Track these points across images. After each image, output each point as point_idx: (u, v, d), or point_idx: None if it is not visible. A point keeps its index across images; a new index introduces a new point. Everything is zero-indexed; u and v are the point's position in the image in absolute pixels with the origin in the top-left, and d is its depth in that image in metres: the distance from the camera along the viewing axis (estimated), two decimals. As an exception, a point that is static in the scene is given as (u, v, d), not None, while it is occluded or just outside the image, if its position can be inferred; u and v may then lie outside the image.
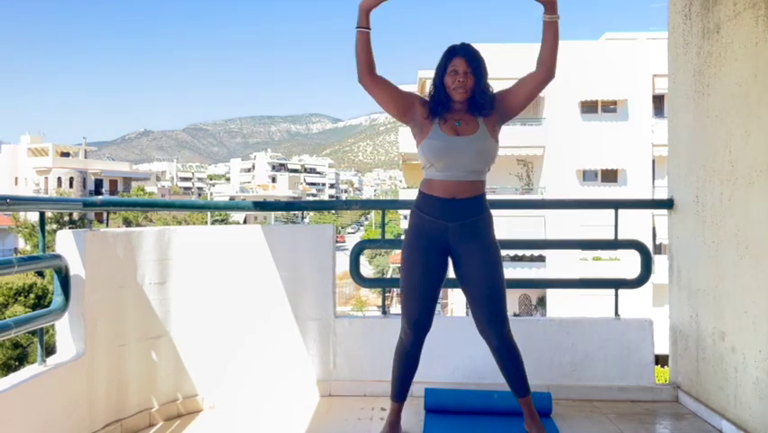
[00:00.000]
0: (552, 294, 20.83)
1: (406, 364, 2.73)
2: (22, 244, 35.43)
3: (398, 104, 2.62)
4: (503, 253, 2.71)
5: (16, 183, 47.90)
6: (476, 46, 2.63)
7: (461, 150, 2.53)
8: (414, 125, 2.63)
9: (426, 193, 2.61)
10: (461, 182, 2.56)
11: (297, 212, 4.26)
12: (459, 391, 3.13)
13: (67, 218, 31.35)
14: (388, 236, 4.10)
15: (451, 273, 2.71)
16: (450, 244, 2.60)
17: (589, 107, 23.17)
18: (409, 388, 2.78)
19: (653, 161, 22.34)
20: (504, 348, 2.64)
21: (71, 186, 46.06)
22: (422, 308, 2.65)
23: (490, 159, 2.60)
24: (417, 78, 24.35)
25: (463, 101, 2.57)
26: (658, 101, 22.19)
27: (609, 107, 23.23)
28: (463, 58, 2.55)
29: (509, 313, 2.68)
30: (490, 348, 2.67)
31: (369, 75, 2.55)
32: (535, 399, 3.02)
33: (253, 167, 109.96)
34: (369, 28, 2.52)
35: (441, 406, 3.07)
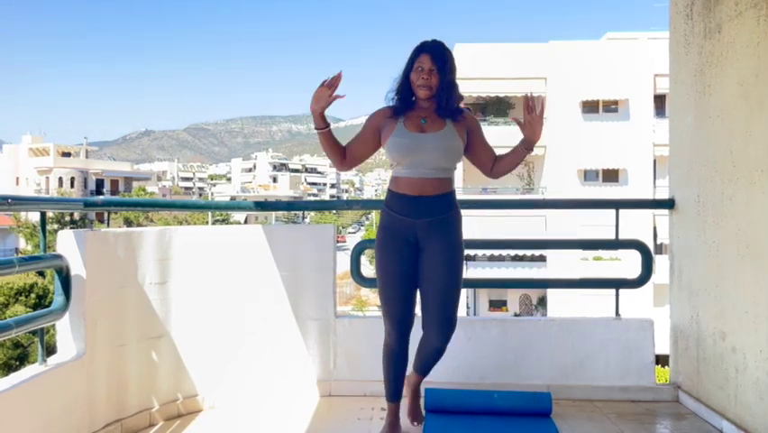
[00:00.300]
0: (552, 294, 20.81)
1: (395, 364, 2.75)
2: (23, 244, 35.46)
3: (371, 143, 2.65)
4: (505, 252, 2.73)
5: (17, 183, 47.92)
6: (474, 46, 2.64)
7: (426, 147, 2.53)
8: (383, 132, 2.63)
9: (395, 191, 2.63)
10: (427, 179, 2.56)
11: (297, 212, 4.26)
12: (459, 391, 3.12)
13: (68, 218, 31.39)
14: (389, 236, 4.08)
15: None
16: (418, 238, 2.61)
17: (590, 107, 23.16)
18: (403, 387, 2.80)
19: (655, 161, 22.33)
20: (440, 349, 2.68)
21: (72, 186, 46.09)
22: (402, 307, 2.66)
23: (456, 156, 2.60)
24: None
25: (427, 99, 2.58)
26: (659, 101, 22.16)
27: (611, 107, 23.21)
28: (429, 55, 2.54)
29: (510, 313, 2.69)
30: (425, 343, 2.70)
31: (342, 163, 2.64)
32: (536, 399, 3.02)
33: (254, 167, 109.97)
34: (327, 126, 2.56)
35: (441, 406, 3.06)
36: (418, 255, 2.63)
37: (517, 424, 2.86)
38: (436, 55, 2.53)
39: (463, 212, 2.73)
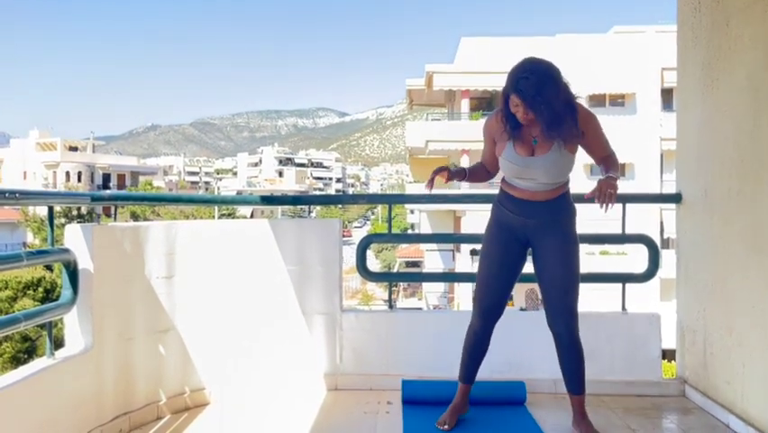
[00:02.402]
0: (559, 288, 20.75)
1: (474, 346, 2.81)
2: (30, 238, 35.63)
3: (493, 146, 2.73)
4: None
5: (25, 177, 48.14)
6: (480, 39, 2.62)
7: (534, 169, 2.56)
8: (497, 143, 2.69)
9: (507, 192, 2.69)
10: (537, 191, 2.62)
11: (303, 206, 4.27)
12: (435, 383, 3.16)
13: (75, 212, 31.50)
14: (395, 231, 4.10)
15: (527, 268, 2.78)
16: (529, 237, 2.68)
17: (597, 101, 23.03)
18: (477, 372, 2.84)
19: (662, 155, 22.23)
20: (568, 341, 2.69)
21: (79, 180, 46.24)
22: (495, 297, 2.74)
23: (566, 172, 2.63)
24: (425, 72, 24.32)
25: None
26: (667, 95, 22.05)
27: (617, 101, 23.10)
28: (520, 97, 2.44)
29: (516, 307, 2.70)
30: (555, 339, 2.73)
31: (492, 175, 2.83)
32: (509, 387, 3.06)
33: (260, 161, 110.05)
34: (464, 174, 2.78)
35: (418, 397, 3.13)
36: (525, 252, 2.73)
37: (493, 412, 2.93)
38: (527, 97, 2.42)
39: (470, 207, 2.75)
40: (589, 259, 19.73)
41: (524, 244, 2.71)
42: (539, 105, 2.43)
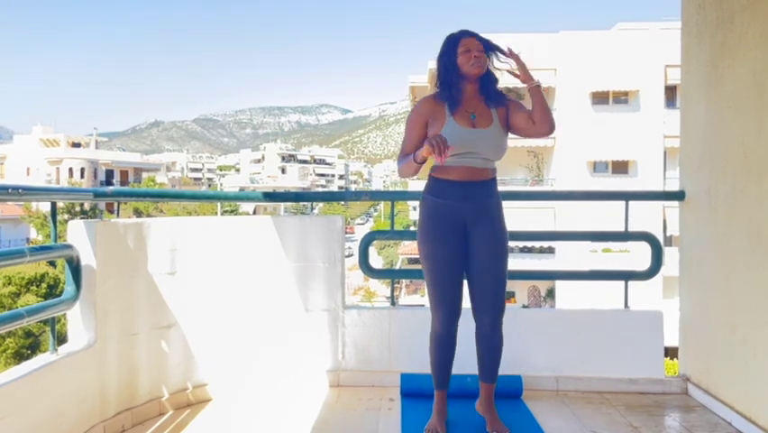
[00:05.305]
0: (561, 286, 20.77)
1: (442, 350, 2.71)
2: (33, 234, 35.71)
3: (423, 139, 2.59)
4: (513, 244, 2.73)
5: (28, 173, 48.19)
6: (482, 36, 2.65)
7: (477, 142, 2.55)
8: (431, 125, 2.61)
9: (441, 178, 2.61)
10: (476, 169, 2.59)
11: (306, 203, 4.27)
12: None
13: (78, 208, 31.57)
14: (398, 227, 4.10)
15: None
16: (466, 224, 2.61)
17: (600, 98, 22.99)
18: (450, 374, 2.76)
19: (665, 153, 22.18)
20: (495, 334, 2.66)
21: (82, 176, 46.30)
22: (452, 288, 2.63)
23: (503, 151, 2.64)
24: (428, 70, 24.28)
25: (478, 77, 2.59)
26: (670, 92, 22.00)
27: (621, 98, 23.05)
28: (473, 38, 2.60)
29: (518, 304, 2.70)
30: (478, 330, 2.67)
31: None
32: (506, 381, 3.07)
33: (263, 158, 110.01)
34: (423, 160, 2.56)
35: (416, 390, 3.14)
36: (465, 240, 2.63)
37: None
38: (479, 37, 2.60)
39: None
40: (592, 256, 19.79)
41: (462, 231, 2.62)
42: (489, 50, 2.60)
